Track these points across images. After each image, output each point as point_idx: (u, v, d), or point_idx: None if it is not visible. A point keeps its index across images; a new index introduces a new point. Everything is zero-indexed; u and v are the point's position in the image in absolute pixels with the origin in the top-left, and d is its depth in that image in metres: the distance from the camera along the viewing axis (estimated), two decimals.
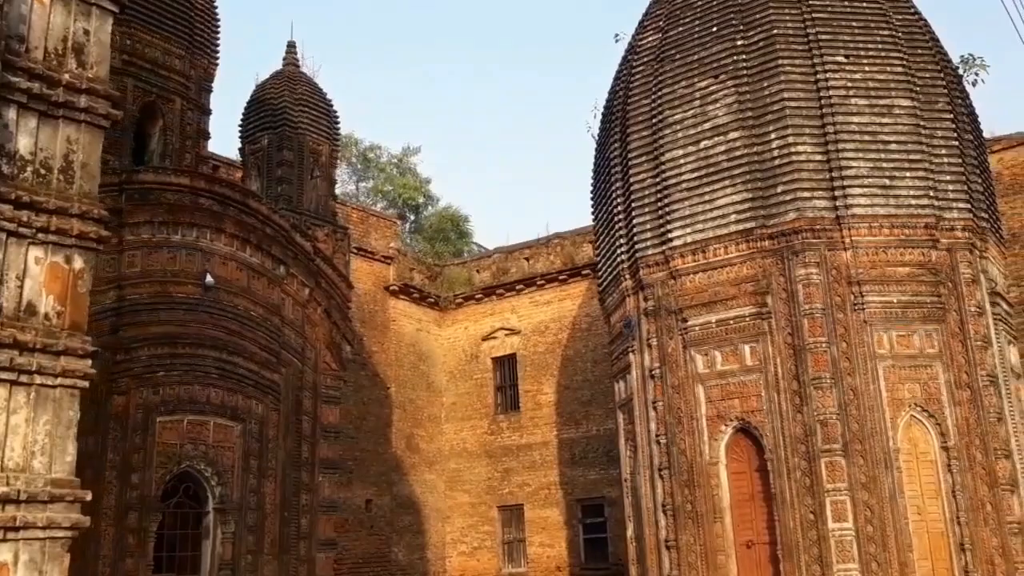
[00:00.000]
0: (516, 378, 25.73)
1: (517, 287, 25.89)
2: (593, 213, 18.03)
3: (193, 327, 13.45)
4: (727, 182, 15.04)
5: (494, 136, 67.31)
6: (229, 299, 13.93)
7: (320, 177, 16.21)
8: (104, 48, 7.81)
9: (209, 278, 13.58)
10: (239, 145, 16.62)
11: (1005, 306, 15.43)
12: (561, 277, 25.21)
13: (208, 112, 15.69)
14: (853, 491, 13.33)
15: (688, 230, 15.27)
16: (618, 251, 16.42)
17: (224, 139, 41.31)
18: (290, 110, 16.10)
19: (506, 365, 26.13)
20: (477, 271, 27.03)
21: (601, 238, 17.60)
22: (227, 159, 19.67)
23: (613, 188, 16.62)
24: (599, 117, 18.04)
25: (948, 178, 14.80)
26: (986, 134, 17.58)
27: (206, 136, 15.73)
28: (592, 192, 18.04)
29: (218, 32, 15.82)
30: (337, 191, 37.21)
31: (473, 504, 25.59)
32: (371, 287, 24.60)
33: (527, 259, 26.09)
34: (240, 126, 16.62)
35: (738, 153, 15.00)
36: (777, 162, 14.69)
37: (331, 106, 16.80)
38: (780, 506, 13.74)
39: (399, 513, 24.22)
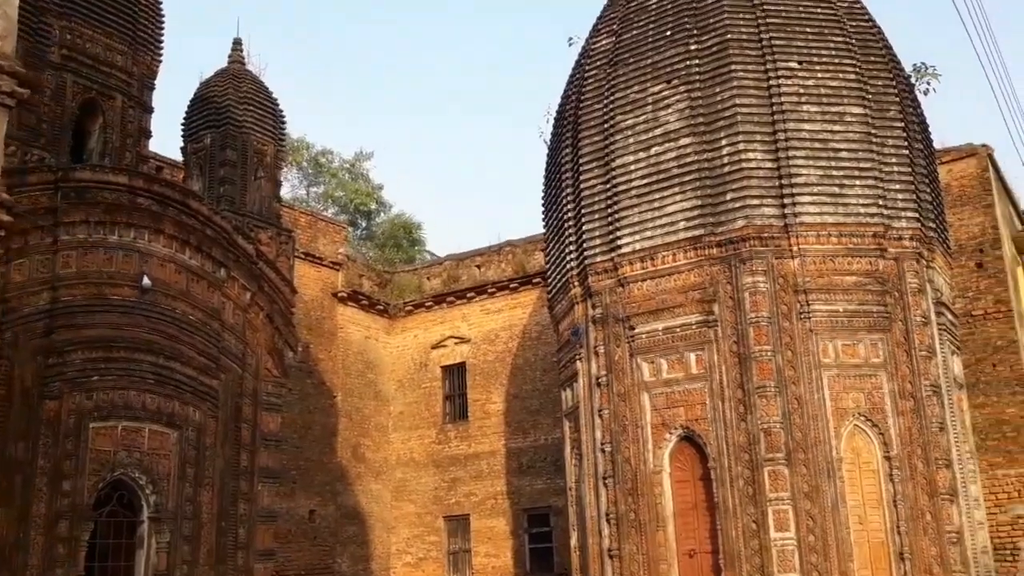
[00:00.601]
0: (465, 387, 25.49)
1: (468, 295, 25.66)
2: (544, 219, 17.90)
3: (129, 331, 13.07)
4: (677, 189, 14.99)
5: (448, 143, 67.20)
6: (167, 302, 13.57)
7: (264, 178, 15.86)
8: (11, 23, 7.46)
9: (146, 280, 13.22)
10: (182, 144, 16.24)
11: (950, 316, 15.52)
12: (512, 285, 25.01)
13: (150, 110, 15.30)
14: (796, 500, 13.29)
15: (637, 237, 15.18)
16: (567, 258, 16.30)
17: (168, 139, 40.40)
18: (234, 108, 15.75)
19: (455, 374, 25.88)
20: (428, 278, 26.75)
21: (551, 245, 17.47)
22: (170, 159, 19.24)
23: (564, 194, 16.50)
24: (552, 122, 17.93)
25: (897, 187, 14.86)
26: (936, 145, 17.74)
27: (148, 135, 15.34)
28: (543, 198, 17.91)
29: (162, 28, 15.44)
30: (287, 196, 36.77)
31: (419, 514, 25.28)
32: (318, 293, 24.24)
33: (478, 267, 25.88)
34: (183, 124, 16.24)
35: (689, 160, 14.96)
36: (727, 169, 14.66)
37: (277, 105, 16.47)
38: (723, 515, 13.66)
39: (343, 523, 23.85)
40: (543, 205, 17.87)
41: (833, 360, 13.94)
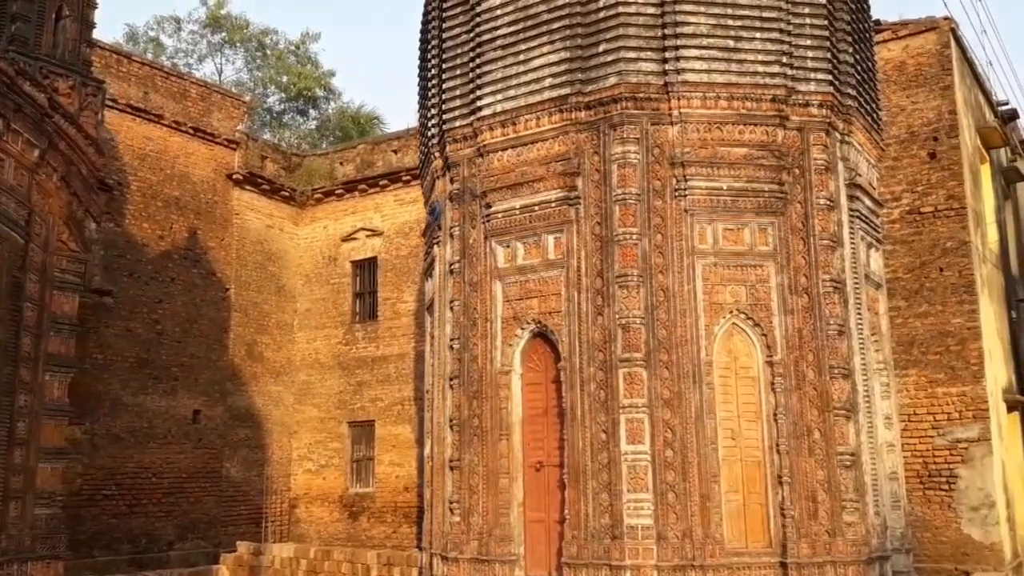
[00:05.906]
0: (376, 284, 23.34)
1: (381, 182, 23.32)
2: (418, 81, 15.46)
3: None
4: (546, 39, 12.51)
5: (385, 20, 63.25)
6: None
7: (70, 18, 13.43)
8: None
9: None
10: None
11: (868, 202, 13.11)
12: None
13: None
14: (653, 408, 11.08)
15: (500, 97, 12.77)
16: (430, 123, 13.96)
17: None
18: None
19: (366, 269, 23.70)
20: (340, 163, 24.34)
21: (420, 111, 15.11)
22: None
23: (430, 47, 14.10)
24: None
25: (808, 43, 12.31)
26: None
27: None
28: (418, 55, 15.46)
29: None
30: (230, 79, 33.91)
31: (322, 419, 23.36)
32: (210, 174, 21.91)
33: (395, 151, 23.49)
34: None
35: (560, 3, 12.48)
36: (602, 15, 12.15)
37: None
38: (570, 423, 11.47)
39: (234, 426, 21.91)
40: (418, 63, 15.41)
41: (711, 247, 11.59)
